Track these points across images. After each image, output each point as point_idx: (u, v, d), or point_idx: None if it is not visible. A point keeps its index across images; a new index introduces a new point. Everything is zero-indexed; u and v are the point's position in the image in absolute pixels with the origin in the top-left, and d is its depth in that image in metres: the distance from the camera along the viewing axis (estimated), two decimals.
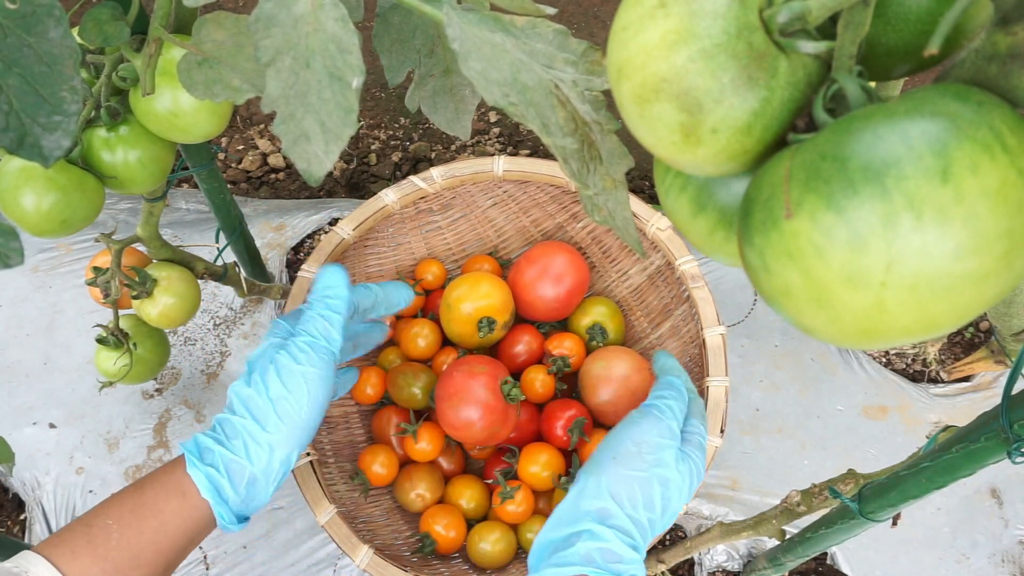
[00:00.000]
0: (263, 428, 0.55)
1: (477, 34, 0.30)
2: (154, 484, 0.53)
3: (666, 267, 0.80)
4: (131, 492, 0.52)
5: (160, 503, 0.52)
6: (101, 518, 0.50)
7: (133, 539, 0.50)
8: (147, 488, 0.53)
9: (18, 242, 0.36)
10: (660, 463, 0.55)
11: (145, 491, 0.52)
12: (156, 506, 0.51)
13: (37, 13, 0.33)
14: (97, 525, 0.49)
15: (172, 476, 0.53)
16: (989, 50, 0.22)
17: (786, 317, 0.23)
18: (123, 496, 0.52)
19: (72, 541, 0.48)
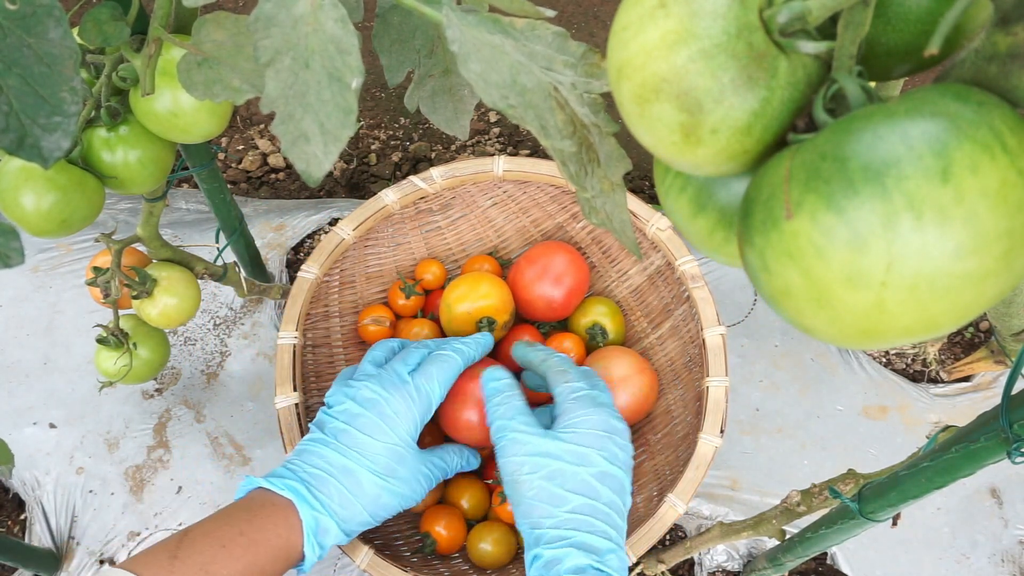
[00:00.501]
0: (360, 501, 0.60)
1: (476, 36, 0.30)
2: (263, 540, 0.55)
3: (666, 267, 0.80)
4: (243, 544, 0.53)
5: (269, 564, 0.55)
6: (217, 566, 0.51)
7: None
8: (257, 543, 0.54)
9: (18, 242, 0.36)
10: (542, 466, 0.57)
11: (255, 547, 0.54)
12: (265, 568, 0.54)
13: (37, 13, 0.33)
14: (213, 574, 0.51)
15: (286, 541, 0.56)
16: (989, 50, 0.22)
17: (786, 317, 0.23)
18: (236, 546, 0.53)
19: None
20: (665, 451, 0.76)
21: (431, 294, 0.86)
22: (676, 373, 0.79)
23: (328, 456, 0.59)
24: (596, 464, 0.56)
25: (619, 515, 0.56)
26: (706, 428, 0.67)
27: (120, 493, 0.89)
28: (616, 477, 0.57)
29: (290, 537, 0.55)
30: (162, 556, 0.50)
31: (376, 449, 0.60)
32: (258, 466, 0.90)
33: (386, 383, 0.63)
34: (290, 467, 0.59)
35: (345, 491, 0.58)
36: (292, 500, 0.56)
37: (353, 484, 0.59)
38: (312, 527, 0.56)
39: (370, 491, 0.59)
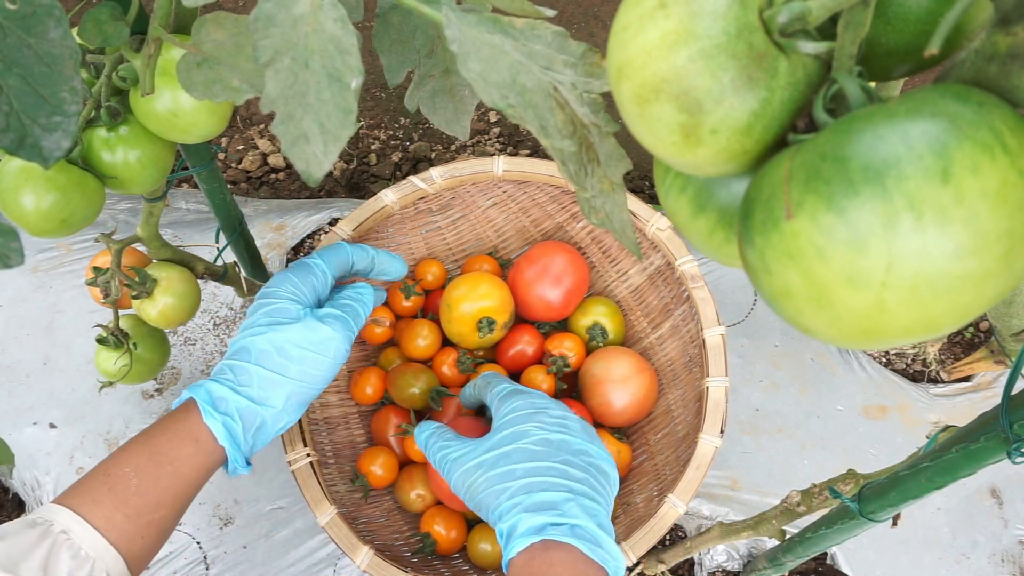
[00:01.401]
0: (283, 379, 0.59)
1: (476, 35, 0.30)
2: (167, 432, 0.55)
3: (666, 267, 0.80)
4: (144, 440, 0.55)
5: (175, 451, 0.54)
6: (119, 467, 0.52)
7: (151, 485, 0.53)
8: (160, 436, 0.55)
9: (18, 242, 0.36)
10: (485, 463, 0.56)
11: (159, 439, 0.55)
12: (171, 454, 0.54)
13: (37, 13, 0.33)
14: (116, 474, 0.52)
15: (185, 424, 0.56)
16: (989, 50, 0.22)
17: (786, 318, 0.23)
18: (137, 445, 0.54)
19: (93, 490, 0.51)
20: (665, 451, 0.76)
21: (431, 294, 0.86)
22: (676, 373, 0.79)
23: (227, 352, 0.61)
24: (534, 434, 0.56)
25: (578, 468, 0.54)
26: (706, 428, 0.67)
27: None
28: (562, 440, 0.56)
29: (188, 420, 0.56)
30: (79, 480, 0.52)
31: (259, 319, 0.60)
32: (258, 466, 0.90)
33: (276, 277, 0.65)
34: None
35: (236, 361, 0.59)
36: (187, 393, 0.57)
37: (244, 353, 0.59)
38: (205, 399, 0.56)
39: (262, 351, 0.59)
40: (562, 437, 0.56)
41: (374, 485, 0.77)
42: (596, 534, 0.50)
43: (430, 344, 0.82)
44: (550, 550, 0.49)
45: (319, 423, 0.79)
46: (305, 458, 0.69)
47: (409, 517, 0.79)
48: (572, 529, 0.50)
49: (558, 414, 0.59)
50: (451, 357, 0.81)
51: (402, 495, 0.77)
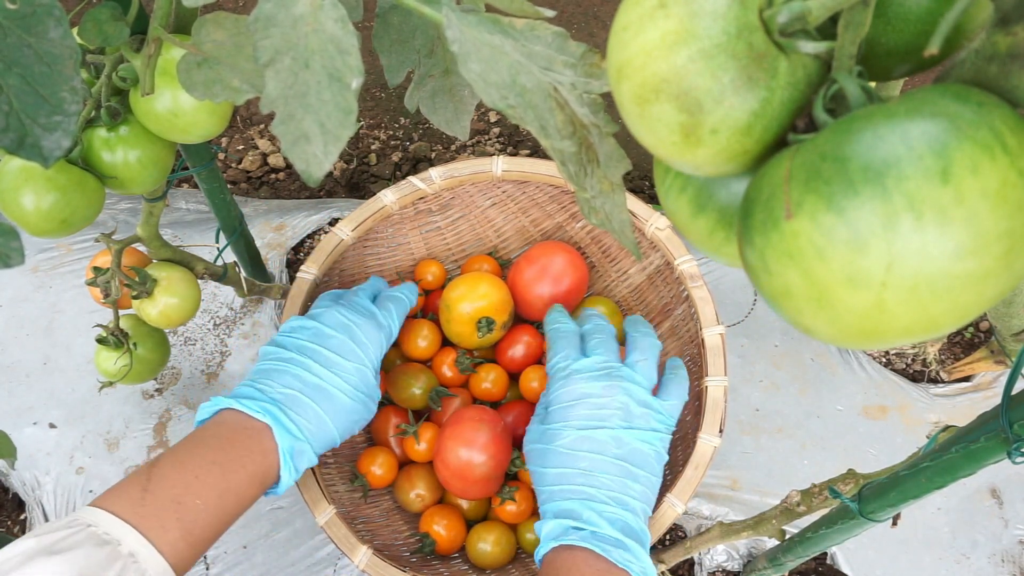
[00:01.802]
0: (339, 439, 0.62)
1: (476, 36, 0.30)
2: (244, 470, 0.55)
3: (665, 267, 0.80)
4: (220, 474, 0.53)
5: (245, 490, 0.54)
6: (191, 497, 0.51)
7: (217, 520, 0.53)
8: (235, 473, 0.54)
9: (18, 242, 0.36)
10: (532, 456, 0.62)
11: (233, 476, 0.54)
12: (241, 493, 0.54)
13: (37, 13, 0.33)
14: (187, 504, 0.51)
15: (261, 468, 0.56)
16: (989, 50, 0.22)
17: (786, 317, 0.23)
18: (212, 476, 0.53)
19: (162, 516, 0.50)
20: None
21: (431, 294, 0.86)
22: None
23: (300, 375, 0.59)
24: (565, 435, 0.59)
25: (607, 472, 0.57)
26: (705, 428, 0.67)
27: None
28: (596, 439, 0.58)
29: (265, 461, 0.55)
30: (133, 490, 0.50)
31: (349, 370, 0.61)
32: None
33: (355, 310, 0.66)
34: (260, 387, 0.59)
35: (320, 412, 0.59)
36: (268, 424, 0.56)
37: (327, 403, 0.59)
38: (289, 451, 0.56)
39: (345, 413, 0.61)
40: (595, 435, 0.58)
41: (373, 485, 0.77)
42: (617, 539, 0.54)
43: (430, 344, 0.82)
44: (572, 551, 0.54)
45: None
46: None
47: (408, 517, 0.79)
48: (593, 535, 0.54)
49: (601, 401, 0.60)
50: (451, 357, 0.81)
51: (401, 495, 0.77)
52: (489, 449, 0.69)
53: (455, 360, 0.81)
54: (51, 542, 0.44)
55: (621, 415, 0.59)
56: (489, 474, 0.69)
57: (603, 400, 0.59)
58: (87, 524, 0.47)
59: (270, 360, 0.62)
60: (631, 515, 0.56)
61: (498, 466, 0.70)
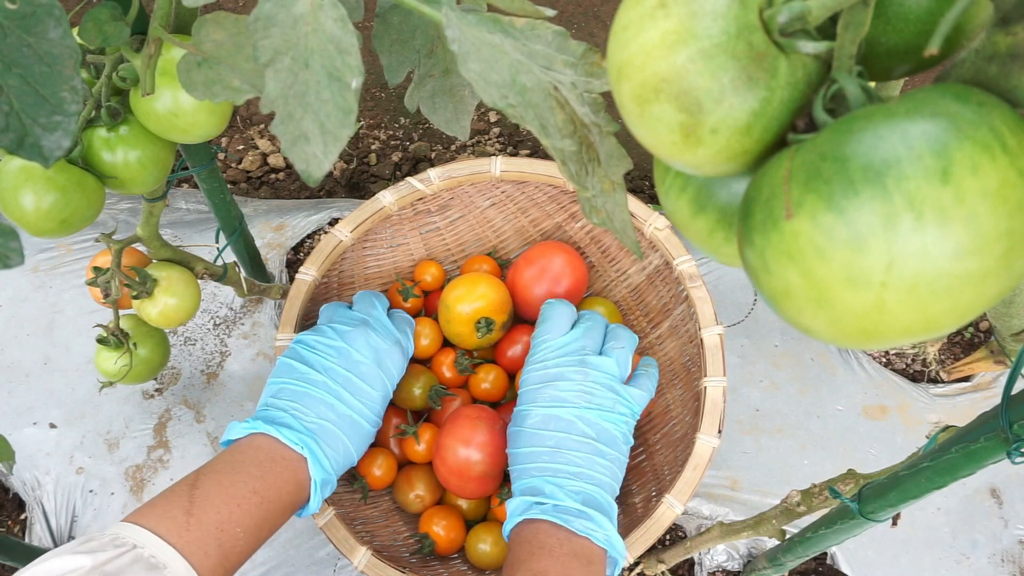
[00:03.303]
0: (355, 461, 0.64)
1: (476, 35, 0.30)
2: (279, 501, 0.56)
3: (664, 267, 0.80)
4: (258, 504, 0.55)
5: (278, 519, 0.56)
6: (232, 525, 0.52)
7: (252, 547, 0.54)
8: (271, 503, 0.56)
9: (18, 242, 0.36)
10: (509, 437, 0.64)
11: (269, 506, 0.55)
12: (275, 522, 0.56)
13: (37, 13, 0.33)
14: (228, 532, 0.52)
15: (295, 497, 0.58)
16: (989, 50, 0.22)
17: (786, 317, 0.23)
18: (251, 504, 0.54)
19: (204, 543, 0.51)
20: (664, 451, 0.76)
21: (430, 295, 0.86)
22: (675, 373, 0.79)
23: (333, 405, 0.61)
24: (533, 415, 0.62)
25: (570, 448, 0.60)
26: (704, 428, 0.67)
27: (120, 493, 0.89)
28: (561, 418, 0.61)
29: (299, 493, 0.58)
30: (177, 512, 0.51)
31: (375, 399, 0.63)
32: None
33: (382, 335, 0.66)
34: (294, 414, 0.60)
35: (347, 442, 0.61)
36: (305, 457, 0.58)
37: (353, 433, 0.61)
38: (321, 483, 0.58)
39: (365, 438, 0.63)
40: (559, 412, 0.60)
41: (373, 486, 0.77)
42: (579, 510, 0.57)
43: (431, 343, 0.82)
44: (534, 524, 0.57)
45: None
46: None
47: (408, 518, 0.79)
48: (555, 507, 0.57)
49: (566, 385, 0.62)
50: (450, 358, 0.81)
51: (401, 496, 0.77)
52: (487, 448, 0.69)
53: (454, 360, 0.81)
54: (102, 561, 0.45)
55: (587, 397, 0.62)
56: (487, 472, 0.69)
57: (571, 384, 0.62)
58: (133, 545, 0.47)
59: (299, 380, 0.62)
60: (596, 488, 0.59)
61: (496, 465, 0.70)
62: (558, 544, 0.55)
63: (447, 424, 0.72)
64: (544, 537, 0.55)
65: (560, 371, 0.62)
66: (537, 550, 0.54)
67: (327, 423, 0.60)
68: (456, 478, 0.70)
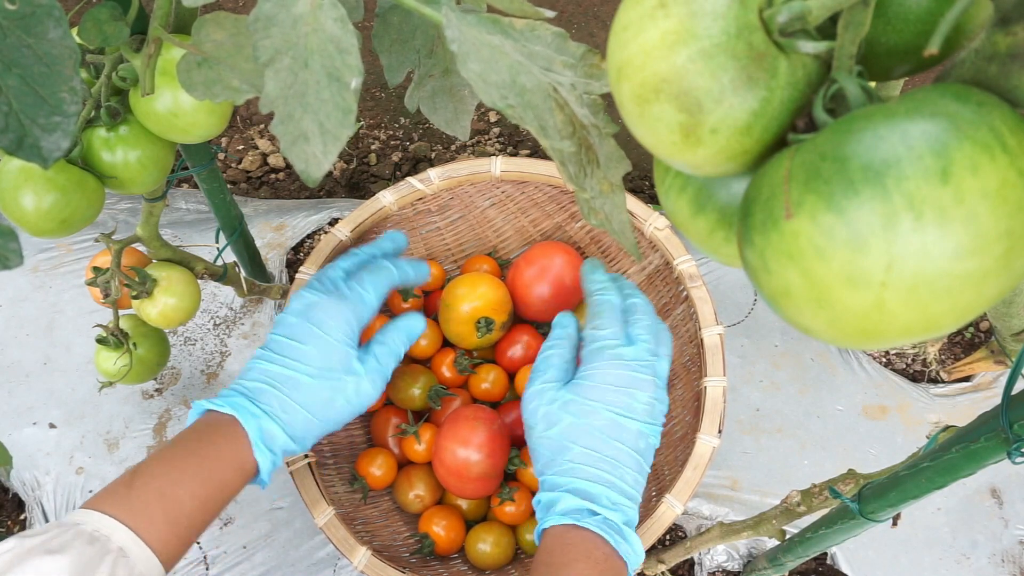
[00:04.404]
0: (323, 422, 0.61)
1: (476, 36, 0.30)
2: (221, 460, 0.56)
3: (664, 267, 0.80)
4: (198, 464, 0.55)
5: (226, 478, 0.56)
6: (175, 488, 0.53)
7: (201, 508, 0.54)
8: (214, 462, 0.56)
9: (17, 243, 0.36)
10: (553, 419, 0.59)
11: (212, 465, 0.55)
12: (223, 481, 0.55)
13: (37, 13, 0.33)
14: (171, 496, 0.52)
15: (236, 453, 0.57)
16: (989, 50, 0.22)
17: (786, 317, 0.23)
18: (191, 466, 0.55)
19: (149, 510, 0.51)
20: (664, 451, 0.76)
21: (430, 295, 0.86)
22: (675, 373, 0.79)
23: (267, 368, 0.60)
24: (601, 416, 0.58)
25: (627, 464, 0.58)
26: (704, 428, 0.67)
27: None
28: (627, 428, 0.58)
29: (239, 448, 0.57)
30: (119, 488, 0.52)
31: (310, 353, 0.61)
32: None
33: (316, 288, 0.65)
34: (233, 386, 0.60)
35: (286, 398, 0.59)
36: (234, 414, 0.57)
37: (293, 390, 0.60)
38: (257, 434, 0.57)
39: (312, 394, 0.60)
40: (631, 424, 0.58)
41: (373, 486, 0.77)
42: (623, 530, 0.55)
43: (431, 343, 0.82)
44: (582, 532, 0.55)
45: None
46: (303, 459, 0.69)
47: (408, 518, 0.79)
48: (605, 521, 0.55)
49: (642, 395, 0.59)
50: (450, 358, 0.81)
51: (401, 496, 0.77)
52: (486, 448, 0.69)
53: (454, 360, 0.81)
54: (42, 541, 0.45)
55: (648, 410, 0.59)
56: (486, 473, 0.69)
57: (640, 394, 0.59)
58: (75, 523, 0.48)
59: (250, 361, 0.63)
60: (633, 511, 0.58)
61: (495, 465, 0.70)
62: (603, 559, 0.54)
63: (446, 424, 0.72)
64: (591, 547, 0.54)
65: (631, 377, 0.59)
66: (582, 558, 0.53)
67: (258, 383, 0.60)
68: (455, 478, 0.70)
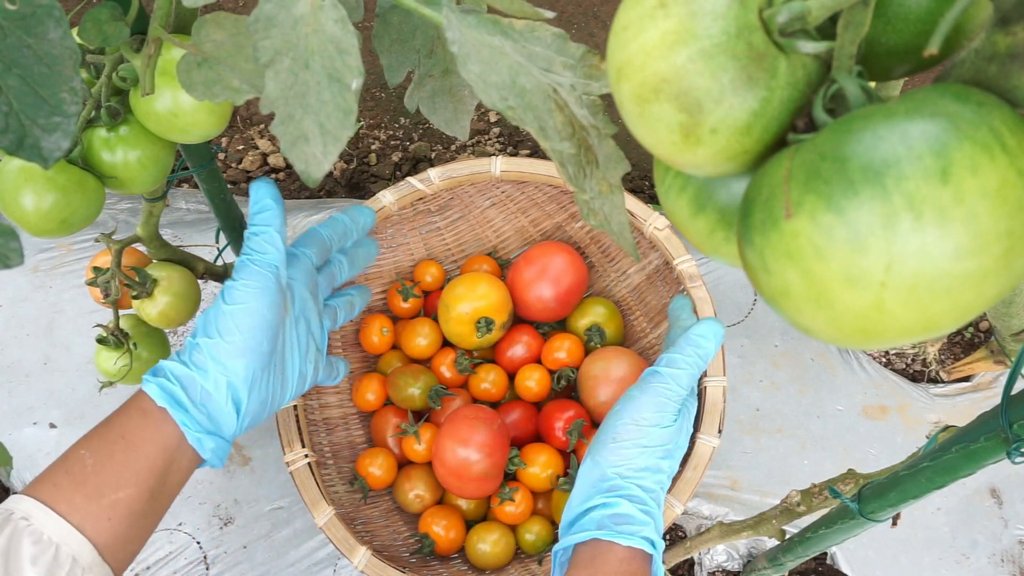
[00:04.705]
0: (207, 337, 0.56)
1: (476, 37, 0.30)
2: (118, 412, 0.54)
3: (664, 267, 0.80)
4: (98, 424, 0.54)
5: (123, 425, 0.53)
6: (75, 450, 0.52)
7: (107, 462, 0.51)
8: (112, 417, 0.54)
9: (18, 242, 0.36)
10: (661, 436, 0.58)
11: (110, 420, 0.54)
12: (120, 429, 0.53)
13: (37, 14, 0.33)
14: (71, 457, 0.51)
15: (132, 400, 0.55)
16: (989, 50, 0.22)
17: (785, 317, 0.23)
18: (91, 430, 0.53)
19: (52, 477, 0.50)
20: None
21: (430, 295, 0.86)
22: None
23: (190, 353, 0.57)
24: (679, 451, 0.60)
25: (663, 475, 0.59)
26: (704, 428, 0.67)
27: None
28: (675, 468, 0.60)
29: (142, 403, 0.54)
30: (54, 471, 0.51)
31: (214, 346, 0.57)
32: (258, 466, 0.90)
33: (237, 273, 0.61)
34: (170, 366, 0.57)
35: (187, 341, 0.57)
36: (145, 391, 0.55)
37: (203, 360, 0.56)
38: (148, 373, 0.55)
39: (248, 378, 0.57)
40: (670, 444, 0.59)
41: (373, 486, 0.77)
42: (657, 544, 0.55)
43: (431, 343, 0.82)
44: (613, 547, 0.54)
45: (318, 424, 0.79)
46: (303, 459, 0.69)
47: (408, 518, 0.79)
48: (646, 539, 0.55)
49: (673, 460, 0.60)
50: (450, 358, 0.81)
51: (401, 496, 0.77)
52: (486, 447, 0.69)
53: (454, 360, 0.81)
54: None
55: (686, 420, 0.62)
56: (486, 472, 0.69)
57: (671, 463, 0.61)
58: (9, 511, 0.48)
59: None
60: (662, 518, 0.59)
61: (495, 465, 0.70)
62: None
63: (446, 424, 0.72)
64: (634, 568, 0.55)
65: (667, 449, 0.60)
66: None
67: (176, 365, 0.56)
68: (455, 478, 0.70)
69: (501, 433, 0.71)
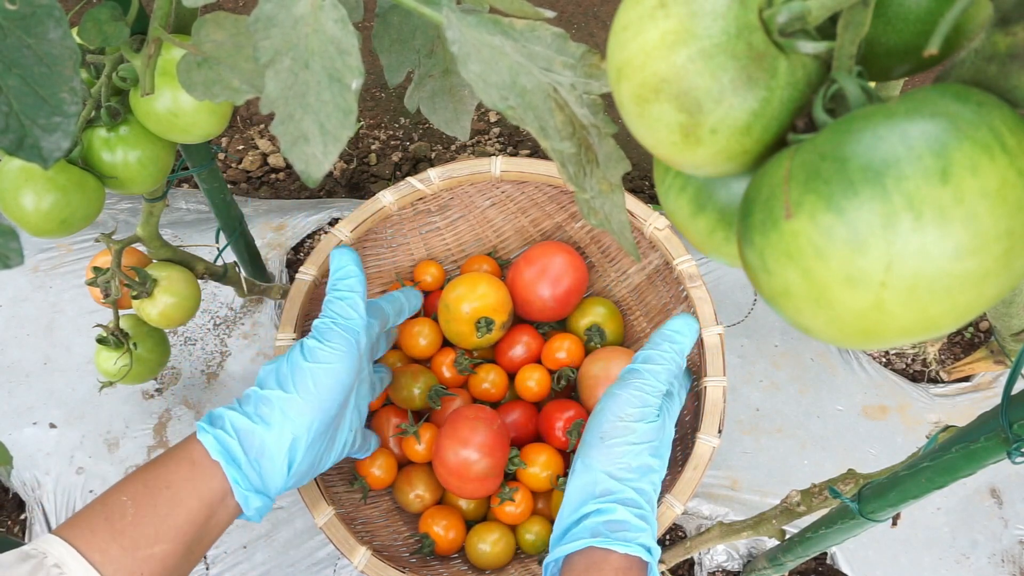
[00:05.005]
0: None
1: (476, 37, 0.30)
2: (166, 458, 0.53)
3: (664, 267, 0.80)
4: (144, 468, 0.52)
5: (171, 474, 0.51)
6: (116, 495, 0.50)
7: (148, 513, 0.49)
8: (159, 462, 0.53)
9: (17, 242, 0.36)
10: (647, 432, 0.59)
11: (157, 465, 0.52)
12: (167, 478, 0.51)
13: (37, 14, 0.33)
14: (112, 503, 0.49)
15: (183, 447, 0.53)
16: (989, 50, 0.22)
17: (785, 317, 0.23)
18: (137, 473, 0.52)
19: (90, 521, 0.48)
20: None
21: (430, 295, 0.86)
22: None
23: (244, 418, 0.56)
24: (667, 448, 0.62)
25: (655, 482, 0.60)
26: (704, 428, 0.67)
27: None
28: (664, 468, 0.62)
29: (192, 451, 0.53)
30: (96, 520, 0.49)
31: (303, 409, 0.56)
32: None
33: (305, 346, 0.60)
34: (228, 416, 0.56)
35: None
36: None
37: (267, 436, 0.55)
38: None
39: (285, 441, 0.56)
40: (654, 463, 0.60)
41: (373, 486, 0.77)
42: (654, 551, 0.56)
43: (431, 343, 0.82)
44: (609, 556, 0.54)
45: None
46: None
47: (408, 518, 0.79)
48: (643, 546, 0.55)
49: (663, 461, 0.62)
50: (450, 358, 0.81)
51: (401, 496, 0.77)
52: (486, 448, 0.69)
53: (454, 360, 0.81)
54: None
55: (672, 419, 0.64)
56: (486, 472, 0.69)
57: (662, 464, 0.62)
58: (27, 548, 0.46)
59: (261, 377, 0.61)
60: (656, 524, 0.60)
61: (496, 465, 0.70)
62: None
63: (446, 424, 0.72)
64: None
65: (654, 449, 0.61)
66: None
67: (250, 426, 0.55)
68: (455, 478, 0.70)
69: (501, 433, 0.71)
